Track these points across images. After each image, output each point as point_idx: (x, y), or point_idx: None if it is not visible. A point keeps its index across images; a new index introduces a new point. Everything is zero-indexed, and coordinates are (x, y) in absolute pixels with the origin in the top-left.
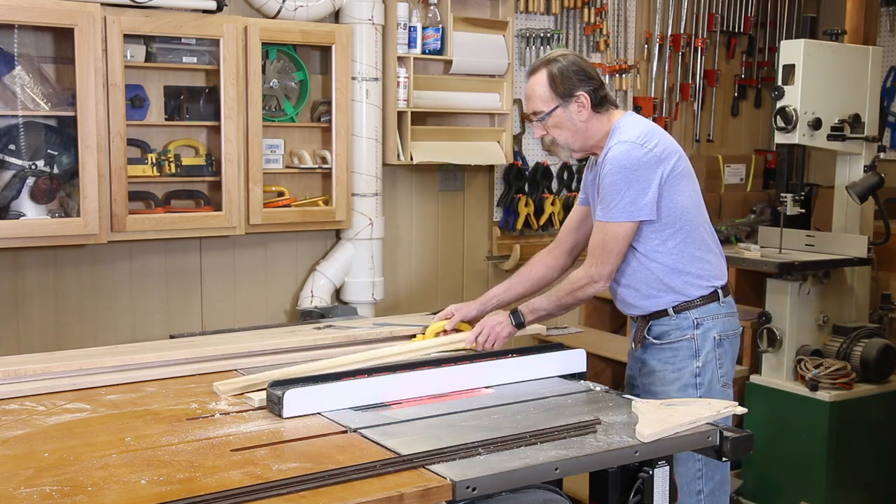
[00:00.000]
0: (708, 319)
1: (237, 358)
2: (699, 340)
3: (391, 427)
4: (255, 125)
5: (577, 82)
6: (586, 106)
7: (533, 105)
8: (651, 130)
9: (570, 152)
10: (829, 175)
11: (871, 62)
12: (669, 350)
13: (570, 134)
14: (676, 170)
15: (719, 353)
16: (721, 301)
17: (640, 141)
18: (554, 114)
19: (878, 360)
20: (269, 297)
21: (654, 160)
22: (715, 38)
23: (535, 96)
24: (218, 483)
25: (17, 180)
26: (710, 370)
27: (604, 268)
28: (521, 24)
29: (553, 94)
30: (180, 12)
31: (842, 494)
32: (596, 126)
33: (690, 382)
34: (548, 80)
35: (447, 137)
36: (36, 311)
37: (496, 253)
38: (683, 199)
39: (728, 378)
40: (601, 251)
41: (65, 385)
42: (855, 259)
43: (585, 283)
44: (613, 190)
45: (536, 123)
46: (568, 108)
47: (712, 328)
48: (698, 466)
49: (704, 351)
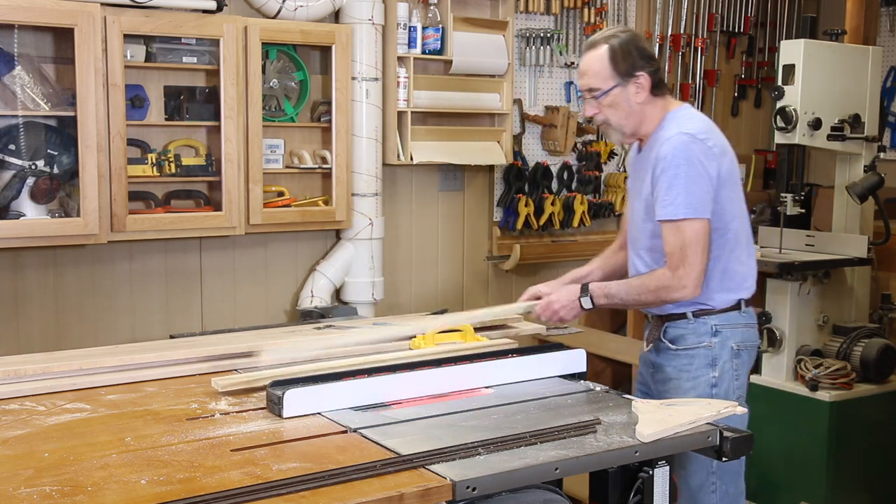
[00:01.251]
0: (727, 328)
1: (237, 358)
2: (717, 349)
3: (391, 427)
4: (255, 125)
5: (639, 61)
6: (645, 87)
7: (589, 81)
8: (710, 126)
9: (622, 135)
10: (829, 175)
11: (871, 62)
12: (685, 357)
13: (624, 115)
14: (728, 173)
15: (736, 363)
16: (742, 311)
17: (700, 136)
18: (612, 93)
19: (878, 360)
20: (269, 297)
21: (713, 156)
22: (715, 38)
23: (591, 72)
24: (218, 483)
25: (17, 180)
26: (726, 381)
27: (692, 269)
28: (521, 24)
29: (613, 71)
30: (180, 12)
31: (842, 494)
32: (651, 110)
33: (706, 392)
34: (609, 55)
35: (447, 137)
36: (36, 311)
37: (496, 253)
38: (729, 206)
39: (743, 391)
40: (682, 252)
41: (65, 385)
42: (855, 259)
43: (672, 286)
44: (678, 183)
45: (590, 101)
46: (627, 87)
47: (731, 337)
48: (712, 480)
49: (721, 360)
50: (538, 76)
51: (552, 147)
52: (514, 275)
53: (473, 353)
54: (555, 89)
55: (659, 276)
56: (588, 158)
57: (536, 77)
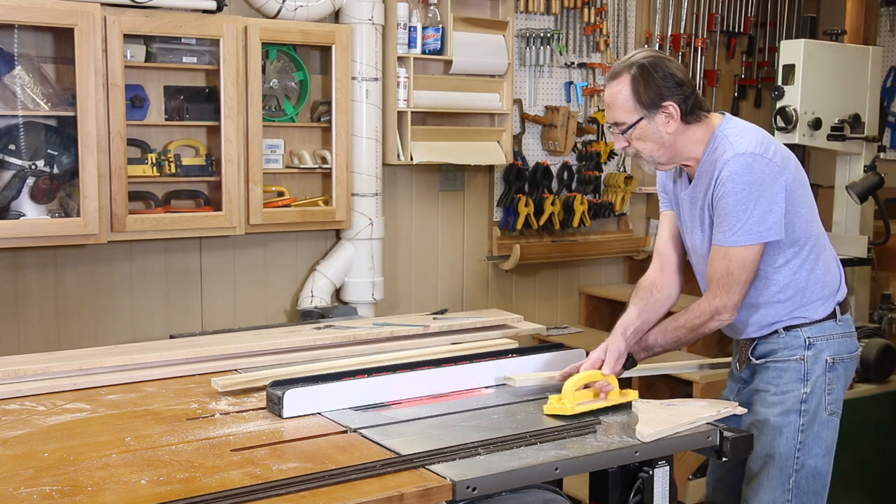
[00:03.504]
0: (821, 339)
1: (237, 358)
2: (809, 362)
3: (391, 427)
4: (255, 125)
5: (665, 90)
6: (675, 117)
7: (614, 115)
8: (764, 136)
9: (655, 165)
10: (829, 175)
11: (871, 62)
12: (774, 370)
13: (655, 147)
14: (797, 179)
15: (830, 377)
16: (838, 319)
17: (759, 151)
18: (638, 126)
19: (878, 360)
20: (269, 297)
21: (777, 171)
22: (715, 38)
23: (615, 105)
24: (218, 483)
25: (17, 180)
26: (817, 396)
27: (730, 298)
28: (521, 24)
29: (637, 103)
30: (180, 12)
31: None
32: (686, 137)
33: (795, 408)
34: (631, 87)
35: (447, 137)
36: (36, 311)
37: (496, 253)
38: (805, 212)
39: (837, 406)
40: (726, 280)
41: (65, 385)
42: (855, 259)
43: (709, 317)
44: (738, 209)
45: (617, 135)
46: (654, 119)
47: (825, 349)
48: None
49: (815, 375)
50: (538, 76)
51: (552, 147)
52: (514, 275)
53: (473, 354)
54: (555, 89)
55: (695, 311)
56: (588, 158)
57: (536, 77)
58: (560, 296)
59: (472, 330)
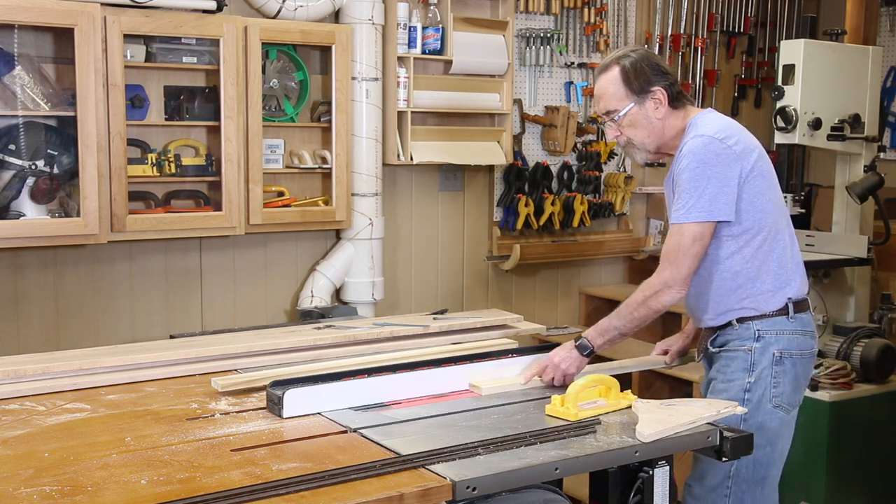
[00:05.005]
0: (771, 333)
1: (237, 358)
2: (756, 354)
3: (391, 427)
4: (255, 125)
5: (653, 77)
6: (663, 102)
7: (605, 104)
8: (730, 126)
9: (646, 153)
10: (829, 175)
11: (871, 62)
12: (724, 359)
13: (646, 133)
14: (756, 170)
15: (777, 370)
16: (791, 316)
17: (718, 136)
18: (630, 112)
19: (878, 360)
20: (269, 297)
21: (733, 157)
22: (715, 38)
23: (607, 95)
24: (218, 483)
25: (17, 180)
26: (761, 387)
27: (678, 271)
28: (521, 24)
29: (627, 90)
30: (180, 12)
31: (842, 494)
32: (672, 123)
33: (738, 396)
34: (621, 76)
35: (447, 137)
36: (36, 311)
37: (496, 253)
38: (763, 203)
39: (783, 400)
40: (675, 254)
41: (65, 385)
42: (855, 259)
43: (658, 288)
44: (690, 186)
45: (610, 124)
46: (644, 105)
47: (774, 343)
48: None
49: (760, 367)
50: (538, 76)
51: (552, 147)
52: (514, 275)
53: (473, 354)
54: (555, 89)
55: (644, 285)
56: (588, 158)
57: (536, 77)
58: (560, 296)
59: (472, 330)
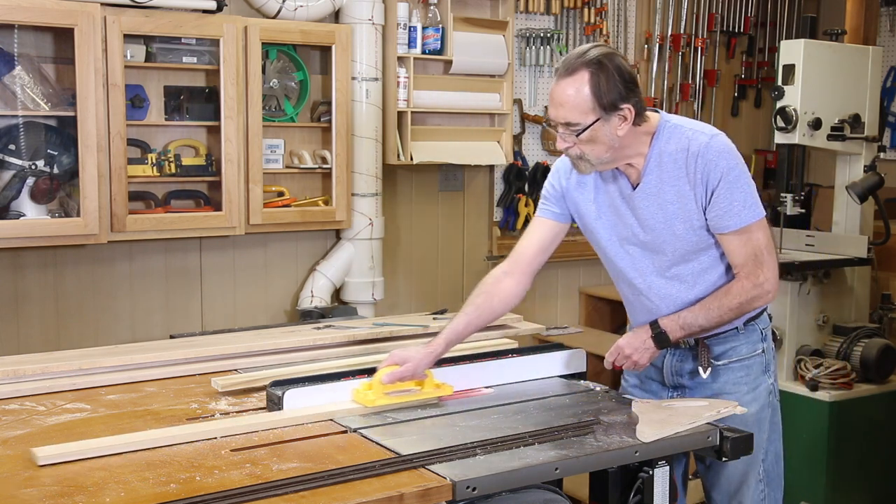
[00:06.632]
0: (767, 329)
1: (237, 358)
2: (768, 354)
3: (391, 427)
4: (255, 125)
5: (626, 92)
6: (629, 120)
7: (565, 114)
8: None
9: (596, 168)
10: (829, 175)
11: (871, 62)
12: (741, 369)
13: (604, 149)
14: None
15: (775, 364)
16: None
17: (718, 134)
18: (592, 127)
19: (878, 360)
20: (269, 297)
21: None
22: (715, 38)
23: (569, 104)
24: (218, 483)
25: (17, 180)
26: (775, 384)
27: (770, 273)
28: (521, 24)
29: (595, 104)
30: (180, 12)
31: (842, 494)
32: (631, 138)
33: (767, 402)
34: (590, 86)
35: (447, 137)
36: (36, 311)
37: (496, 253)
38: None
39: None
40: (756, 260)
41: (65, 385)
42: (855, 259)
43: (757, 293)
44: (738, 186)
45: (564, 134)
46: (609, 121)
47: (769, 337)
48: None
49: (774, 365)
50: (538, 76)
51: (552, 147)
52: None
53: (473, 354)
54: None
55: (738, 290)
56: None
57: (536, 77)
58: (560, 296)
59: None
